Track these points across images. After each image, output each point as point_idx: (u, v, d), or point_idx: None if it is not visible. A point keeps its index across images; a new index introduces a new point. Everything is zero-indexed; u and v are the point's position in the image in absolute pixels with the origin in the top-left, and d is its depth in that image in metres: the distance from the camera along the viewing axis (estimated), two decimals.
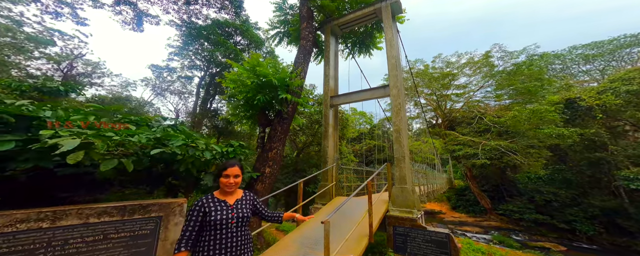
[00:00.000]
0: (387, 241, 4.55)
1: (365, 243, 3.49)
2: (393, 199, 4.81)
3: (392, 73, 5.54)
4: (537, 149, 17.05)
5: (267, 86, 4.98)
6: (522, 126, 16.75)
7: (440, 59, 21.79)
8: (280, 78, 4.90)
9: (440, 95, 22.52)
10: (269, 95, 4.97)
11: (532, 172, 17.33)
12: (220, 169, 1.73)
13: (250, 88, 4.94)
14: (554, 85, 20.06)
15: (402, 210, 4.64)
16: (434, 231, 4.04)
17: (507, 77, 19.52)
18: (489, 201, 21.66)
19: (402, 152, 4.90)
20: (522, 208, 19.22)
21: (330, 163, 5.77)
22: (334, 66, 7.06)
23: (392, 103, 5.33)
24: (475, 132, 19.87)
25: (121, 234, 1.90)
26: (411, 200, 4.65)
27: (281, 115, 5.30)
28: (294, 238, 3.64)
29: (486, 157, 17.75)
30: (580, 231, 16.42)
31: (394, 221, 4.53)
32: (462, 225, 20.03)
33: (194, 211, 1.62)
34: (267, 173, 4.82)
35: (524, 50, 20.21)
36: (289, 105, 5.35)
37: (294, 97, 5.14)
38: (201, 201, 1.66)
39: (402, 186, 4.80)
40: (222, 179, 1.70)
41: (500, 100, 20.85)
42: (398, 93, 5.29)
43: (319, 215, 4.59)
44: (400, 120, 5.09)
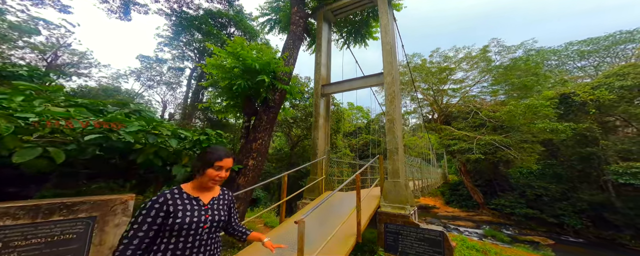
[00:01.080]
0: (378, 239, 4.19)
1: (352, 243, 3.10)
2: (385, 194, 4.43)
3: (387, 60, 5.08)
4: (530, 144, 16.91)
5: (251, 72, 4.51)
6: (517, 121, 16.53)
7: (437, 54, 21.33)
8: (263, 62, 4.41)
9: (437, 90, 22.16)
10: (252, 80, 4.49)
11: (524, 166, 17.23)
12: (213, 158, 1.27)
13: (233, 75, 4.46)
14: (549, 81, 19.82)
15: (394, 206, 4.27)
16: (427, 230, 3.68)
17: (504, 71, 19.19)
18: (481, 196, 21.63)
19: (396, 143, 4.49)
20: (513, 203, 19.30)
21: (320, 155, 5.36)
22: (327, 53, 6.57)
23: (385, 91, 4.89)
24: (470, 127, 19.64)
25: (31, 241, 1.46)
26: (404, 195, 4.26)
27: (267, 103, 4.84)
28: (273, 237, 3.25)
29: (481, 151, 17.56)
30: (568, 225, 16.68)
31: (385, 218, 4.15)
32: (455, 219, 20.02)
33: (151, 211, 1.16)
34: (250, 166, 4.39)
35: (522, 45, 19.83)
36: (277, 93, 4.88)
37: (280, 84, 4.67)
38: (163, 198, 1.20)
39: (395, 180, 4.41)
40: (211, 171, 1.27)
41: (495, 95, 20.58)
42: (392, 81, 4.85)
43: (306, 210, 4.19)
44: (394, 109, 4.67)
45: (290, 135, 13.39)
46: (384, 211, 4.23)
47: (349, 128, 22.12)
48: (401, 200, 4.26)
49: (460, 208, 22.74)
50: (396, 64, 5.09)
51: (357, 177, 3.30)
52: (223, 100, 4.98)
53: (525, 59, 19.13)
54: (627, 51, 21.69)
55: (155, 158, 2.80)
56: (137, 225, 1.12)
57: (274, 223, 6.61)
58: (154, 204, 1.17)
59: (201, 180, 1.29)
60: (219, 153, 1.28)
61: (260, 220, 6.31)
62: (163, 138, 2.74)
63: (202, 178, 1.28)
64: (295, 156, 12.48)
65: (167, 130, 2.78)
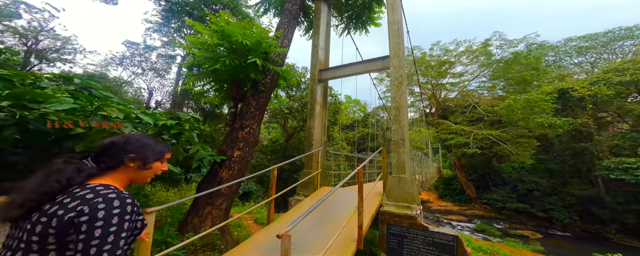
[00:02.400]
0: (379, 241, 3.66)
1: (353, 250, 2.55)
2: (388, 191, 3.87)
3: (394, 41, 4.42)
4: (526, 139, 16.67)
5: (239, 52, 3.81)
6: (515, 115, 16.18)
7: (438, 47, 20.64)
8: (253, 41, 3.71)
9: (436, 84, 21.62)
10: (240, 61, 3.80)
11: (519, 161, 17.07)
12: (163, 151, 1.07)
13: (217, 55, 3.74)
14: (548, 76, 19.44)
15: (398, 205, 3.72)
16: (438, 233, 3.15)
17: (504, 66, 18.71)
18: (474, 191, 21.57)
19: (402, 133, 3.91)
20: (505, 197, 19.36)
21: (315, 146, 4.75)
22: (325, 36, 5.86)
23: (392, 75, 4.26)
24: (468, 121, 19.28)
25: None
26: (410, 193, 3.72)
27: (257, 87, 4.16)
28: (259, 242, 2.67)
29: (477, 146, 17.26)
30: (556, 220, 16.89)
31: (388, 219, 3.61)
32: (448, 213, 19.99)
33: (134, 210, 0.84)
34: (235, 157, 3.76)
35: (524, 39, 19.27)
36: (268, 76, 4.20)
37: (272, 65, 3.99)
38: (134, 201, 0.87)
39: (400, 176, 3.85)
40: (159, 164, 1.06)
41: (493, 90, 20.17)
42: (399, 65, 4.22)
43: (298, 209, 3.62)
44: (400, 95, 4.06)
45: (286, 127, 12.73)
46: (386, 210, 3.68)
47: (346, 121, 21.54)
48: (407, 199, 3.71)
49: (453, 202, 22.75)
50: (404, 46, 4.44)
51: (359, 172, 2.71)
52: (205, 84, 4.28)
53: (527, 53, 18.65)
54: (625, 48, 21.38)
55: None
56: (118, 228, 0.77)
57: (265, 219, 6.06)
58: (133, 204, 0.84)
59: (139, 174, 1.00)
60: (166, 145, 1.09)
61: (250, 216, 5.74)
62: (112, 121, 2.08)
63: (143, 172, 1.00)
64: (290, 148, 11.88)
65: (118, 111, 2.11)
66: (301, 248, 2.49)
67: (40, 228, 0.72)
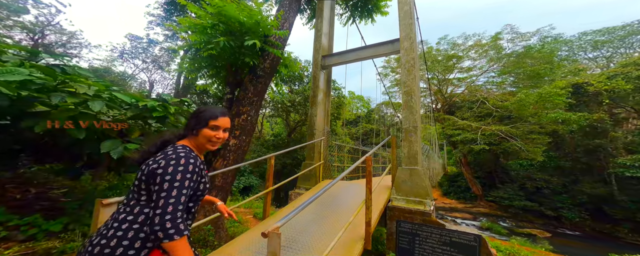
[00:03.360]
0: (387, 240, 3.29)
1: (360, 250, 2.19)
2: (397, 185, 3.49)
3: (405, 23, 3.99)
4: (537, 135, 15.99)
5: (236, 34, 3.43)
6: (527, 110, 15.50)
7: (445, 41, 19.87)
8: (252, 21, 3.32)
9: (442, 79, 20.92)
10: (237, 42, 3.44)
11: (529, 157, 16.45)
12: (207, 116, 1.06)
13: (212, 37, 3.36)
14: (562, 70, 18.55)
15: (409, 199, 3.34)
16: (456, 231, 2.76)
17: (515, 60, 17.91)
18: (480, 188, 21.01)
19: (414, 120, 3.50)
20: (512, 195, 18.85)
21: (317, 136, 4.37)
22: (329, 22, 5.43)
23: (402, 58, 3.84)
24: (475, 117, 18.63)
25: None
26: (423, 186, 3.33)
27: (255, 71, 3.80)
28: (251, 239, 2.34)
29: (485, 142, 16.66)
30: (565, 218, 16.38)
31: (398, 215, 3.24)
32: (452, 211, 19.53)
33: (195, 171, 0.96)
34: (230, 146, 3.43)
35: (538, 32, 18.35)
36: (267, 60, 3.82)
37: (272, 49, 3.61)
38: (197, 157, 1.01)
39: (412, 167, 3.46)
40: (207, 131, 1.06)
41: (502, 85, 19.39)
42: (411, 47, 3.79)
43: (297, 203, 3.27)
44: (412, 80, 3.64)
45: (288, 121, 12.39)
46: (396, 205, 3.31)
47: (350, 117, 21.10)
48: (419, 193, 3.33)
49: (458, 199, 22.27)
50: (415, 28, 4.00)
51: (368, 160, 2.34)
52: (199, 68, 3.90)
53: (540, 46, 17.82)
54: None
55: (75, 130, 1.83)
56: (180, 190, 0.89)
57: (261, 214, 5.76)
58: (195, 164, 0.97)
59: (197, 141, 1.09)
60: (214, 111, 1.10)
61: (250, 211, 5.45)
62: (79, 99, 1.75)
63: (197, 139, 1.08)
64: (293, 142, 11.55)
65: (87, 88, 1.77)
66: (299, 246, 2.15)
67: (139, 175, 0.96)
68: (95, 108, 1.80)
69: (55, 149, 2.56)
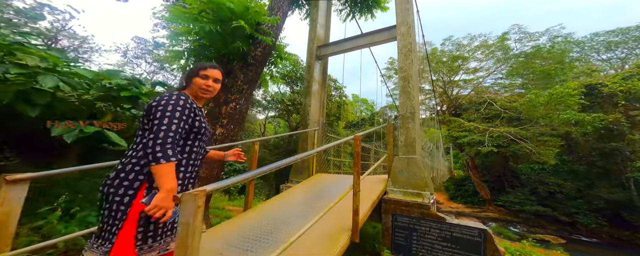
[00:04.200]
0: (382, 236, 2.98)
1: (345, 242, 1.91)
2: (394, 175, 3.19)
3: (402, 8, 3.75)
4: (549, 137, 15.21)
5: (225, 21, 3.26)
6: (537, 111, 14.79)
7: (450, 42, 19.44)
8: (242, 7, 3.15)
9: (448, 81, 20.40)
10: (227, 29, 3.27)
11: (541, 161, 15.65)
12: (197, 67, 1.24)
13: (200, 25, 3.19)
14: (574, 71, 17.75)
15: (407, 191, 3.03)
16: (458, 225, 2.44)
17: (524, 61, 17.28)
18: (488, 192, 20.14)
19: (411, 106, 3.22)
20: (523, 200, 17.99)
21: (312, 126, 4.13)
22: (325, 12, 5.25)
23: (399, 44, 3.59)
24: (482, 119, 17.98)
25: None
26: (422, 177, 3.02)
27: (245, 59, 3.62)
28: (221, 234, 2.10)
29: (493, 144, 15.97)
30: (581, 224, 15.46)
31: (393, 208, 2.93)
32: (459, 215, 18.76)
33: (186, 106, 1.08)
34: (217, 135, 3.22)
35: (547, 31, 17.70)
36: (258, 48, 3.64)
37: (262, 36, 3.43)
38: (188, 98, 1.13)
39: (409, 156, 3.16)
40: (198, 80, 1.21)
41: (511, 87, 18.67)
42: (408, 32, 3.54)
43: (284, 196, 3.01)
44: (409, 64, 3.38)
45: (290, 121, 12.22)
46: (392, 198, 3.00)
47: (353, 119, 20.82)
48: (417, 184, 3.02)
49: (465, 204, 21.44)
50: (413, 11, 3.76)
51: (356, 139, 2.08)
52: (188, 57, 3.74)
53: (550, 46, 17.16)
54: None
55: (25, 105, 1.64)
56: (174, 118, 1.03)
57: None
58: (186, 100, 1.10)
59: (192, 90, 1.23)
60: (203, 63, 1.26)
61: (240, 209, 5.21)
62: (29, 71, 1.58)
63: (192, 88, 1.23)
64: (294, 142, 11.37)
65: (39, 60, 1.60)
66: (273, 239, 1.90)
67: (142, 113, 1.10)
68: (46, 84, 1.62)
69: (35, 141, 2.41)
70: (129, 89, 2.03)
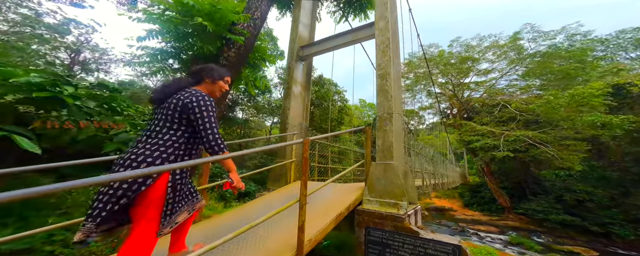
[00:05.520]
0: (357, 249, 2.59)
1: None
2: (371, 183, 2.81)
3: (380, 1, 3.43)
4: (573, 141, 13.69)
5: (197, 25, 3.12)
6: (557, 114, 13.42)
7: (458, 43, 18.51)
8: (207, 5, 2.98)
9: (457, 84, 19.35)
10: (198, 30, 3.13)
11: (566, 166, 14.09)
12: (223, 73, 1.50)
13: (169, 24, 3.09)
14: (598, 70, 16.08)
15: (382, 201, 2.63)
16: (431, 241, 2.01)
17: (541, 60, 15.96)
18: (507, 200, 18.47)
19: (389, 107, 2.86)
20: (547, 208, 16.24)
21: (291, 130, 3.84)
22: (310, 13, 5.02)
23: (377, 39, 3.27)
24: (496, 122, 16.70)
25: None
26: (398, 185, 2.61)
27: (217, 60, 3.46)
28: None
29: (509, 148, 14.68)
30: (617, 235, 13.55)
31: (366, 220, 2.54)
32: (475, 223, 17.33)
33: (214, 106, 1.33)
34: None
35: (563, 30, 16.33)
36: (232, 49, 3.48)
37: (232, 35, 3.25)
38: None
39: (386, 162, 2.77)
40: (222, 83, 1.48)
41: (528, 90, 17.24)
42: (386, 26, 3.21)
43: (247, 206, 2.73)
44: (387, 61, 3.03)
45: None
46: (365, 209, 2.62)
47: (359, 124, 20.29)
48: (394, 193, 2.62)
49: (482, 211, 19.82)
50: (393, 6, 3.42)
51: (305, 142, 1.77)
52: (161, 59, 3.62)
53: (568, 45, 15.75)
54: None
55: None
56: (213, 111, 1.27)
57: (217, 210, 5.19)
58: (213, 101, 1.33)
59: (211, 88, 1.44)
60: (226, 70, 1.53)
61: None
62: None
63: (214, 87, 1.45)
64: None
65: None
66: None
67: (172, 106, 1.24)
68: None
69: None
70: (48, 90, 1.77)
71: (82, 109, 1.90)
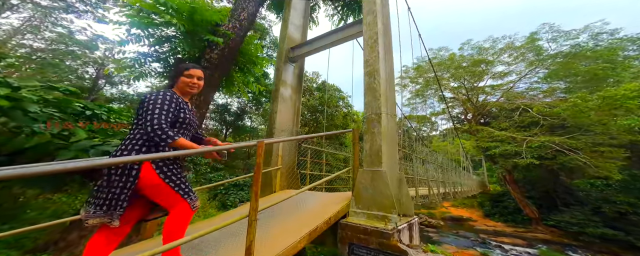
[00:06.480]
0: None
1: None
2: (358, 193, 2.41)
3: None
4: (608, 147, 12.09)
5: (177, 22, 3.01)
6: (587, 118, 12.01)
7: (469, 46, 17.59)
8: (186, 6, 2.82)
9: (471, 88, 18.24)
10: (186, 38, 3.03)
11: (602, 175, 12.44)
12: (182, 68, 1.47)
13: (146, 25, 2.95)
14: (631, 70, 14.40)
15: (370, 213, 2.23)
16: None
17: (564, 61, 14.65)
18: (535, 210, 16.62)
19: (377, 107, 2.49)
20: (583, 220, 14.32)
21: (278, 135, 3.55)
22: (302, 13, 4.79)
23: (365, 35, 2.95)
24: (516, 127, 15.33)
25: None
26: (387, 195, 2.20)
27: (198, 62, 3.31)
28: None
29: (533, 155, 13.30)
30: None
31: (350, 235, 2.14)
32: (498, 235, 15.69)
33: (173, 98, 1.33)
34: None
35: (587, 28, 14.96)
36: (214, 51, 3.33)
37: (211, 36, 3.09)
38: (174, 93, 1.39)
39: (374, 169, 2.38)
40: (183, 78, 1.44)
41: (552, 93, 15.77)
42: (374, 21, 2.90)
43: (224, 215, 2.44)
44: (375, 57, 2.69)
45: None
46: (350, 222, 2.22)
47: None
48: (383, 204, 2.20)
49: (505, 222, 17.96)
50: (381, 2, 3.11)
51: (259, 145, 1.48)
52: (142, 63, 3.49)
53: (594, 44, 14.36)
54: None
55: None
56: (164, 105, 1.26)
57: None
58: (172, 95, 1.34)
59: (179, 87, 1.45)
60: (186, 64, 1.49)
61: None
62: None
63: (179, 86, 1.45)
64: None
65: None
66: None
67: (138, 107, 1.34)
68: None
69: None
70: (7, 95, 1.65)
71: (27, 114, 1.74)
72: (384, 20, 3.01)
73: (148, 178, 1.18)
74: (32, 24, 10.81)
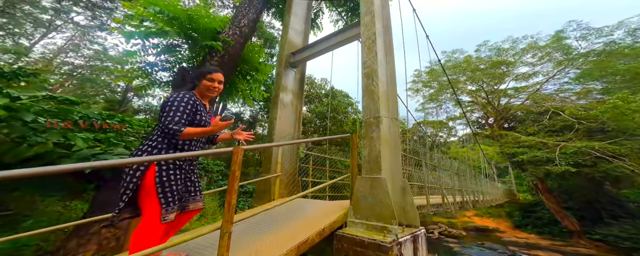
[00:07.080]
0: None
1: None
2: (356, 201, 2.20)
3: None
4: None
5: (177, 30, 3.09)
6: (631, 121, 10.59)
7: (486, 47, 16.63)
8: (183, 14, 2.87)
9: (491, 91, 17.09)
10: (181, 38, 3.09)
11: None
12: (204, 71, 1.52)
13: (146, 35, 3.06)
14: None
15: (368, 224, 2.00)
16: None
17: (597, 60, 13.31)
18: (576, 222, 14.70)
19: (376, 110, 2.30)
20: (636, 235, 12.35)
21: (278, 142, 3.45)
22: (304, 18, 4.77)
23: (363, 36, 2.81)
24: (546, 131, 13.93)
25: None
26: (386, 204, 1.97)
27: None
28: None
29: (570, 162, 11.90)
30: None
31: (346, 248, 1.92)
32: (531, 248, 14.03)
33: (190, 100, 1.37)
34: None
35: (622, 24, 13.57)
36: (214, 58, 3.38)
37: (210, 41, 3.13)
38: (193, 96, 1.42)
39: (373, 176, 2.16)
40: (205, 82, 1.50)
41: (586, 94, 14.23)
42: (372, 21, 2.76)
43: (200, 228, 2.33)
44: (373, 58, 2.53)
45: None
46: (346, 234, 2.00)
47: None
48: (382, 214, 1.97)
49: (539, 234, 16.02)
50: (380, 3, 2.98)
51: (236, 152, 1.38)
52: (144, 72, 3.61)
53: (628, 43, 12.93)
54: None
55: None
56: (181, 105, 1.32)
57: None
58: (190, 98, 1.38)
59: (200, 90, 1.51)
60: (209, 68, 1.55)
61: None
62: None
63: (200, 88, 1.50)
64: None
65: None
66: None
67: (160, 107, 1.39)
68: None
69: None
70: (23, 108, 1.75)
71: (27, 124, 1.79)
72: (384, 22, 2.87)
73: (148, 179, 1.22)
74: (73, 42, 11.99)
